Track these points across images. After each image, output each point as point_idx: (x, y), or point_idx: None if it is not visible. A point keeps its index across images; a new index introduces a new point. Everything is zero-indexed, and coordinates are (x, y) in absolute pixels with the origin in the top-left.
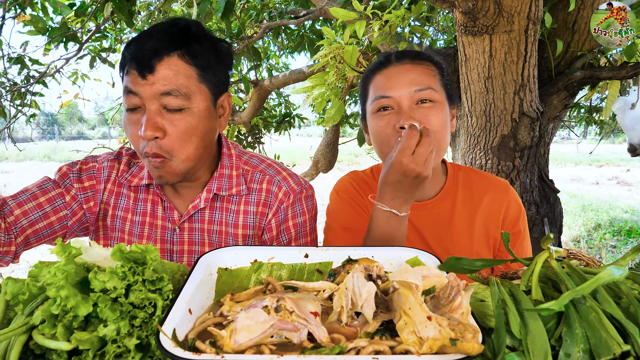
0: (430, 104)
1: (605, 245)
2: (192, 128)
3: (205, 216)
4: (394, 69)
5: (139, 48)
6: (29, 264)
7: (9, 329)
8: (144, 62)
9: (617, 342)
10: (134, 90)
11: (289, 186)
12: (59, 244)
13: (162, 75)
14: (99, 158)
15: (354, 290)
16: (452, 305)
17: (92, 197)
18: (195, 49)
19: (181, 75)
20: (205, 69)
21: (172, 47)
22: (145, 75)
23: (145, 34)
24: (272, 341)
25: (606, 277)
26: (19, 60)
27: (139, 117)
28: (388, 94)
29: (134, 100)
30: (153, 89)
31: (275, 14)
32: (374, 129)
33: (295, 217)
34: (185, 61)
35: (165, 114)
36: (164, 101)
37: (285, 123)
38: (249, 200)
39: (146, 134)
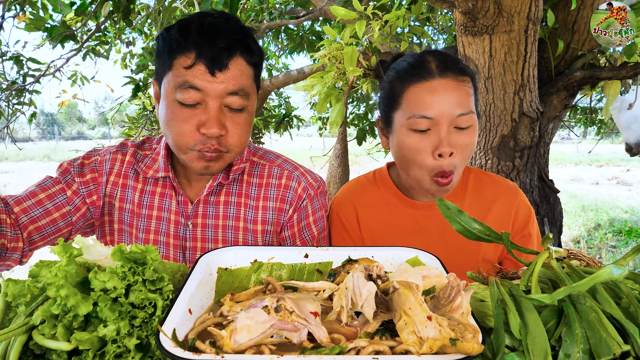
0: (467, 129)
1: (605, 245)
2: (248, 126)
3: (220, 212)
4: (437, 84)
5: (209, 42)
6: (29, 264)
7: (9, 329)
8: (217, 59)
9: (617, 342)
10: (198, 87)
11: (308, 182)
12: (60, 243)
13: (232, 75)
14: (101, 151)
15: (354, 290)
16: (452, 306)
17: (95, 190)
18: (252, 47)
19: (245, 75)
20: (257, 67)
21: (239, 46)
22: (215, 72)
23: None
24: (272, 341)
25: (604, 275)
26: (16, 60)
27: (197, 113)
28: (429, 115)
29: (196, 97)
30: (221, 87)
31: (275, 14)
32: (406, 146)
33: (315, 212)
34: (247, 60)
35: (227, 112)
36: (227, 100)
37: (284, 123)
38: (267, 195)
39: (213, 132)
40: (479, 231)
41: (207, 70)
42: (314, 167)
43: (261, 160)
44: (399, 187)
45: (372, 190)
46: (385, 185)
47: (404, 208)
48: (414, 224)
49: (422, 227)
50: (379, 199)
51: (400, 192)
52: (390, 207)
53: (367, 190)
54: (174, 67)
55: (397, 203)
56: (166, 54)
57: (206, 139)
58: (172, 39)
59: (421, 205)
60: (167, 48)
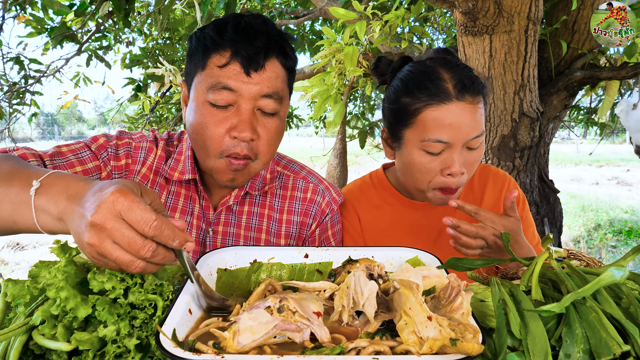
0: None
1: (605, 245)
2: (279, 132)
3: (242, 222)
4: (455, 109)
5: (246, 41)
6: (29, 264)
7: (9, 329)
8: (254, 59)
9: (617, 342)
10: (232, 87)
11: (331, 196)
12: (58, 244)
13: (268, 77)
14: (135, 135)
15: (355, 289)
16: (453, 306)
17: (126, 176)
18: (288, 50)
19: (280, 78)
20: (292, 71)
21: (276, 47)
22: (251, 73)
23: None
24: (275, 341)
25: (607, 278)
26: (17, 61)
27: (228, 116)
28: (445, 139)
29: (228, 97)
30: (256, 89)
31: (275, 14)
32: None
33: (334, 225)
34: (282, 63)
35: (260, 116)
36: (261, 103)
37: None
38: (292, 209)
39: (245, 135)
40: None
41: (243, 69)
42: (314, 167)
43: (285, 171)
44: (397, 188)
45: (370, 193)
46: (382, 187)
47: (403, 208)
48: (414, 224)
49: (421, 227)
50: (378, 201)
51: (399, 193)
52: (389, 208)
53: (365, 193)
54: (207, 66)
55: (396, 204)
56: (200, 53)
57: (237, 142)
58: (206, 37)
59: (420, 205)
60: (201, 47)
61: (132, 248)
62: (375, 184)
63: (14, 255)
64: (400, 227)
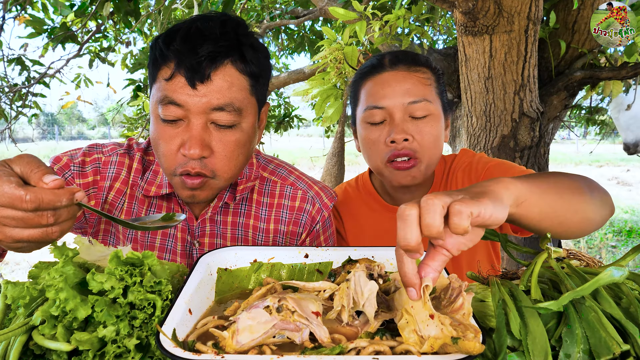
0: (425, 118)
1: (605, 245)
2: (240, 146)
3: (227, 233)
4: (387, 76)
5: (190, 49)
6: (29, 264)
7: (9, 329)
8: (198, 70)
9: (617, 342)
10: (178, 101)
11: (322, 202)
12: (55, 245)
13: (217, 87)
14: (105, 149)
15: (355, 289)
16: (454, 306)
17: (94, 195)
18: (249, 55)
19: (235, 87)
20: (257, 78)
21: (228, 53)
22: (196, 84)
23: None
24: (275, 341)
25: (606, 278)
26: (19, 62)
27: (179, 132)
28: (380, 104)
29: (177, 112)
30: (204, 102)
31: (275, 14)
32: (364, 139)
33: (326, 230)
34: (239, 69)
35: (214, 129)
36: (213, 116)
37: (285, 123)
38: (279, 218)
39: (193, 153)
40: None
41: (188, 82)
42: (314, 167)
43: (272, 177)
44: (380, 192)
45: (354, 198)
46: (367, 192)
47: (386, 213)
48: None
49: None
50: (362, 207)
51: (382, 198)
52: (373, 213)
53: (350, 199)
54: (157, 79)
55: (379, 209)
56: (151, 65)
57: (187, 160)
58: (156, 48)
59: None
60: (152, 58)
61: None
62: (360, 188)
63: (14, 256)
64: (385, 232)
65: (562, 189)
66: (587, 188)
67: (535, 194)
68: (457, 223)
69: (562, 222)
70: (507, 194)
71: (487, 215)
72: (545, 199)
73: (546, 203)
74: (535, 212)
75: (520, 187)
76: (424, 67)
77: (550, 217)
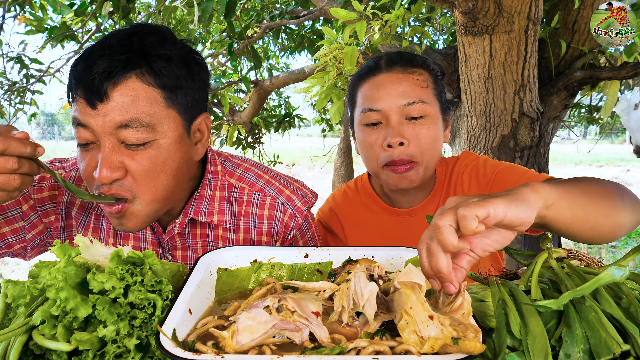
0: (421, 119)
1: (605, 245)
2: (158, 164)
3: (198, 245)
4: (383, 78)
5: (86, 69)
6: (29, 264)
7: (9, 329)
8: (92, 88)
9: (617, 341)
10: (83, 123)
11: (295, 207)
12: (57, 245)
13: (117, 104)
14: (67, 164)
15: (355, 290)
16: (453, 306)
17: (53, 210)
18: (160, 66)
19: (142, 101)
20: (174, 89)
21: (129, 66)
22: (96, 104)
23: (94, 49)
24: (274, 341)
25: (607, 277)
26: (18, 60)
27: (94, 154)
28: (376, 107)
29: (85, 135)
30: (106, 121)
31: (275, 13)
32: (361, 142)
33: (304, 235)
34: (147, 82)
35: (124, 149)
36: (121, 135)
37: (285, 123)
38: (248, 227)
39: (102, 177)
40: None
41: (87, 102)
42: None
43: (240, 183)
44: (380, 194)
45: (354, 201)
46: (366, 194)
47: (386, 215)
48: (397, 231)
49: (405, 233)
50: (362, 209)
51: (381, 200)
52: (373, 215)
53: (349, 201)
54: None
55: (379, 211)
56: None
57: (101, 184)
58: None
59: (403, 212)
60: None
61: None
62: (359, 190)
63: None
64: (384, 235)
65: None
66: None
67: (565, 198)
68: (465, 225)
69: (593, 226)
70: (535, 197)
71: (500, 215)
72: (576, 203)
73: (577, 207)
74: (567, 216)
75: (550, 190)
76: (420, 69)
77: (582, 220)
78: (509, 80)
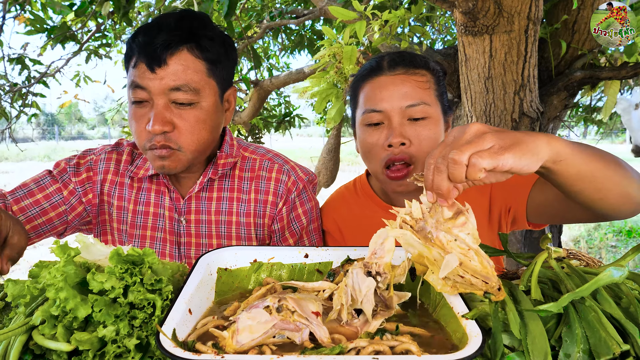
0: (423, 120)
1: (605, 245)
2: (200, 122)
3: (212, 207)
4: (386, 79)
5: (149, 41)
6: (29, 264)
7: (9, 329)
8: (154, 56)
9: (617, 341)
10: (141, 85)
11: (297, 175)
12: (57, 244)
13: (172, 70)
14: (96, 150)
15: (353, 286)
16: (456, 222)
17: (90, 189)
18: (205, 43)
19: (191, 70)
20: (214, 63)
21: (182, 41)
22: (155, 69)
23: (154, 25)
24: (275, 341)
25: (606, 278)
26: (19, 61)
27: (146, 112)
28: (378, 108)
29: (141, 95)
30: (162, 83)
31: (275, 13)
32: (362, 142)
33: (304, 204)
34: (195, 55)
35: (174, 108)
36: (173, 96)
37: (285, 123)
38: (259, 188)
39: (155, 129)
40: None
41: (147, 67)
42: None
43: (252, 155)
44: (379, 194)
45: (352, 201)
46: (365, 194)
47: (384, 215)
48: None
49: None
50: (360, 209)
51: (380, 199)
52: (371, 215)
53: (347, 203)
54: (129, 69)
55: (378, 210)
56: (125, 59)
57: (153, 136)
58: (127, 44)
59: None
60: (125, 54)
61: None
62: (358, 190)
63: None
64: None
65: (607, 160)
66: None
67: (577, 156)
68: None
69: (599, 188)
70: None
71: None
72: (587, 163)
73: (587, 167)
74: (573, 172)
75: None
76: (422, 70)
77: (588, 179)
78: (509, 80)
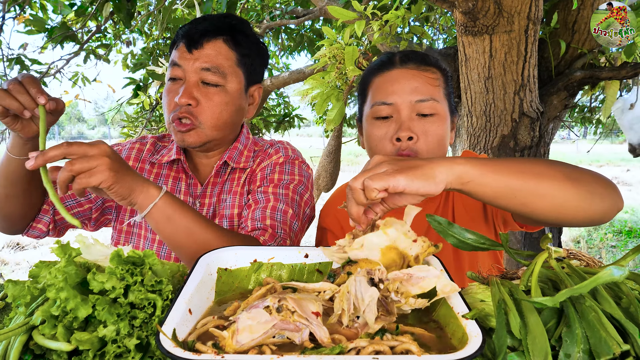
0: (431, 117)
1: (605, 245)
2: (223, 103)
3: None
4: (397, 73)
5: (192, 27)
6: (29, 264)
7: (9, 329)
8: (194, 39)
9: (617, 341)
10: (178, 63)
11: (286, 152)
12: (58, 244)
13: (206, 53)
14: (123, 144)
15: (356, 295)
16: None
17: None
18: (239, 38)
19: (222, 56)
20: (244, 56)
21: (219, 32)
22: (192, 50)
23: (200, 18)
24: (275, 341)
25: (605, 276)
26: (18, 61)
27: (177, 87)
28: (388, 101)
29: (177, 72)
30: (196, 63)
31: (275, 14)
32: (370, 136)
33: (283, 173)
34: (229, 46)
35: (202, 87)
36: (202, 75)
37: (285, 123)
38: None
39: (181, 100)
40: (474, 240)
41: (186, 48)
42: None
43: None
44: None
45: None
46: None
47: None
48: None
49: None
50: None
51: None
52: None
53: None
54: (172, 52)
55: None
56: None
57: (178, 107)
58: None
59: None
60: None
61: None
62: None
63: (14, 256)
64: None
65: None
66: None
67: (489, 176)
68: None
69: (524, 203)
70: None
71: (400, 188)
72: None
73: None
74: (487, 191)
75: (468, 168)
76: (433, 67)
77: (508, 197)
78: (509, 80)
